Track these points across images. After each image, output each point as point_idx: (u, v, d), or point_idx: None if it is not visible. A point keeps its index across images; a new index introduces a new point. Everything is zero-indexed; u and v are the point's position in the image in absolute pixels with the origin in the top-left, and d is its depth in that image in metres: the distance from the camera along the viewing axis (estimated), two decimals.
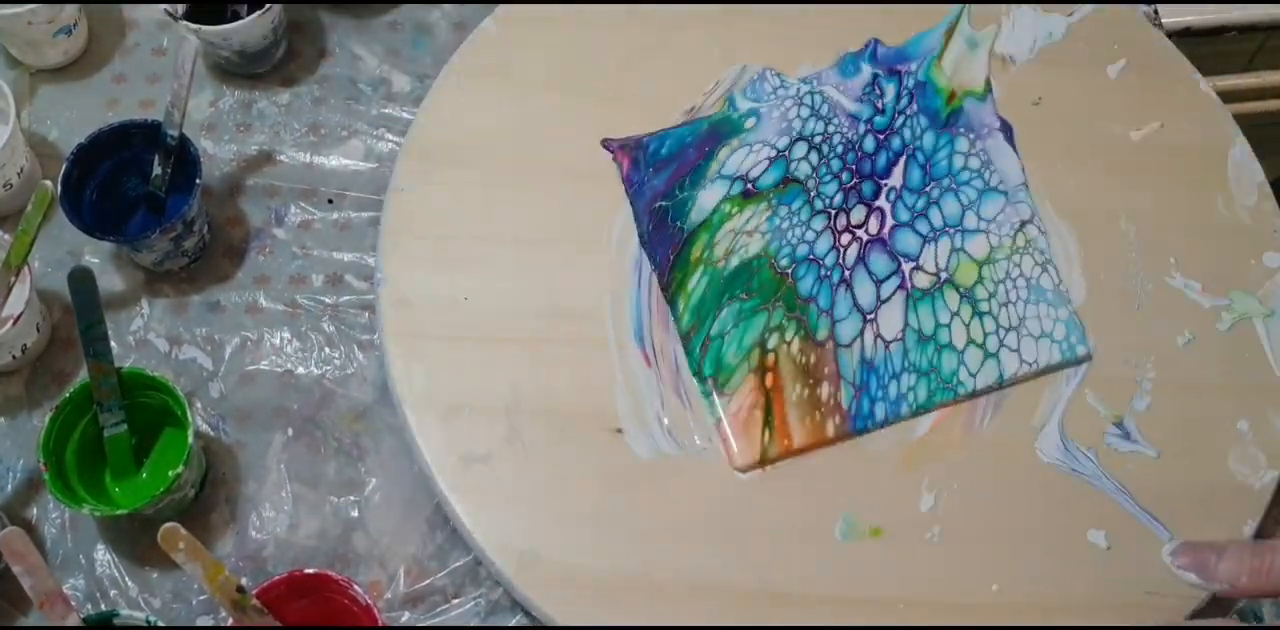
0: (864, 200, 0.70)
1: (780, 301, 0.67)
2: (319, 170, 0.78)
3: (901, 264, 0.68)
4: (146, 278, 0.74)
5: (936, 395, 0.65)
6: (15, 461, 0.69)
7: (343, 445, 0.70)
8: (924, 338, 0.66)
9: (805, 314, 0.66)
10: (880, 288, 0.67)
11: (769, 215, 0.69)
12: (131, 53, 0.81)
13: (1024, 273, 0.68)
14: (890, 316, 0.67)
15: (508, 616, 0.65)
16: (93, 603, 0.65)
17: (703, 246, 0.68)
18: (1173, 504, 0.65)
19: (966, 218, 0.69)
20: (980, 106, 0.73)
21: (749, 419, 0.64)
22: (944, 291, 0.67)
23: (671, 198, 0.69)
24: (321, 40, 0.82)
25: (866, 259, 0.68)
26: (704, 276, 0.67)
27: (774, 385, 0.65)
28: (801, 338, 0.66)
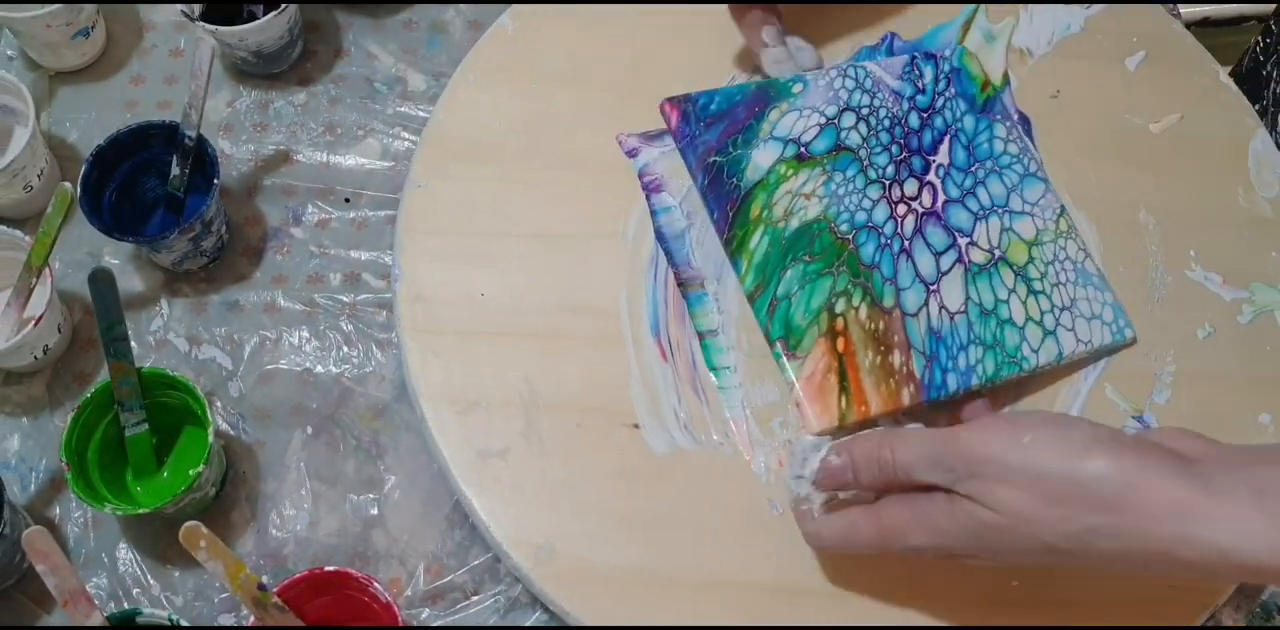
0: (915, 174, 0.69)
1: (844, 266, 0.66)
2: (336, 169, 0.78)
3: (957, 238, 0.68)
4: (166, 278, 0.74)
5: (1004, 369, 0.64)
6: (38, 461, 0.69)
7: (362, 443, 0.70)
8: (985, 312, 0.66)
9: (870, 280, 0.66)
10: (939, 260, 0.67)
11: (825, 180, 0.68)
12: (149, 54, 0.82)
13: (1069, 256, 0.68)
14: (952, 289, 0.66)
15: (527, 613, 0.66)
16: (115, 601, 0.66)
17: (761, 205, 0.67)
18: None
19: (1012, 200, 0.69)
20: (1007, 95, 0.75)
21: (824, 383, 0.63)
22: (999, 268, 0.67)
23: (725, 153, 0.69)
24: (337, 40, 0.82)
25: (924, 231, 0.68)
26: (765, 236, 0.67)
27: (846, 350, 0.64)
28: (869, 304, 0.65)
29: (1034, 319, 0.66)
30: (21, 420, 0.70)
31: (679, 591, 0.62)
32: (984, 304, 0.66)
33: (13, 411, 0.71)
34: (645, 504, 0.64)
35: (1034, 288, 0.67)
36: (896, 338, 0.64)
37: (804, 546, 0.62)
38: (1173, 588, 0.63)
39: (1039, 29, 0.77)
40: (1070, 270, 0.68)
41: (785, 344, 0.64)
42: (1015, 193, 0.69)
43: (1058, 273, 0.68)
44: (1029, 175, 0.70)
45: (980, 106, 0.72)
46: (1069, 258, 0.68)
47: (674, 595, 0.62)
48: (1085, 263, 0.68)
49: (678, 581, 0.62)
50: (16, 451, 0.70)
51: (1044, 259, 0.68)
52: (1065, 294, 0.67)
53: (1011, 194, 0.69)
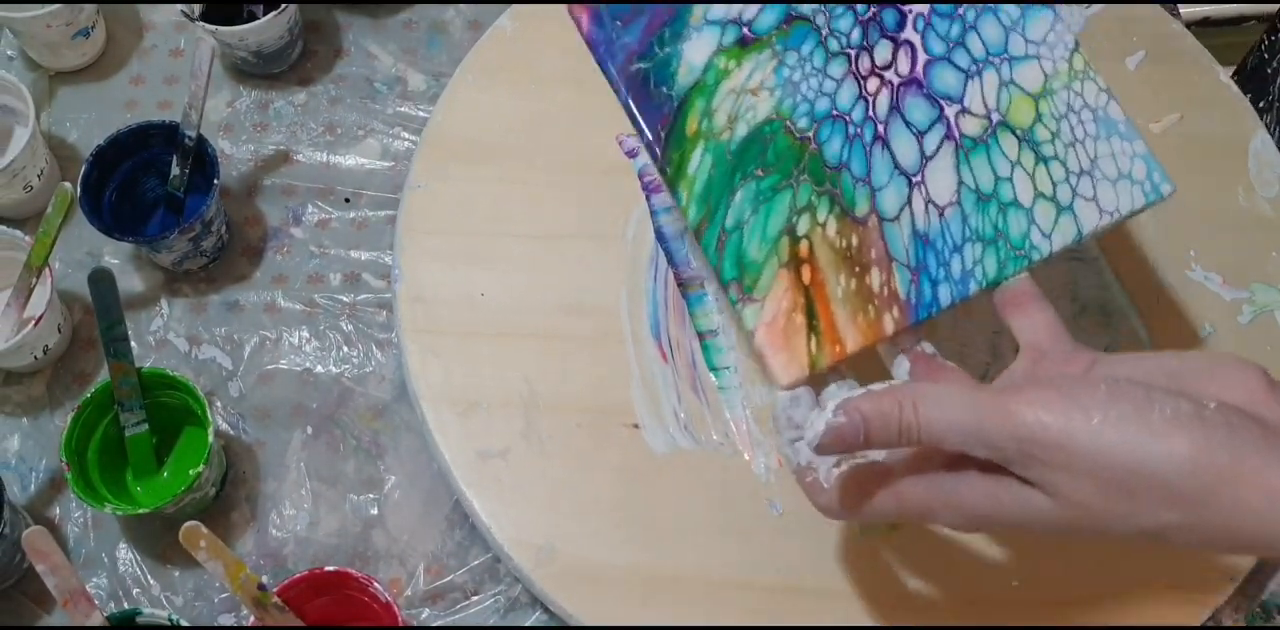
0: (887, 33, 0.57)
1: (805, 174, 0.55)
2: (336, 169, 0.78)
3: (944, 108, 0.56)
4: (166, 278, 0.74)
5: (1009, 266, 0.54)
6: (38, 461, 0.69)
7: (361, 443, 0.70)
8: (984, 197, 0.55)
9: (838, 185, 0.55)
10: (923, 141, 0.55)
11: (775, 66, 0.56)
12: (149, 54, 0.82)
13: (1088, 103, 0.56)
14: (940, 176, 0.55)
15: (527, 613, 0.66)
16: (115, 601, 0.66)
17: (699, 115, 0.56)
18: None
19: (1012, 42, 0.57)
20: None
21: (788, 325, 0.53)
22: (999, 136, 0.56)
23: (650, 57, 0.57)
24: (337, 40, 0.82)
25: (901, 107, 0.56)
26: (706, 153, 0.55)
27: (813, 280, 0.54)
28: (837, 216, 0.54)
29: (1045, 194, 0.55)
30: (21, 420, 0.71)
31: (679, 591, 0.62)
32: (981, 187, 0.55)
33: (13, 411, 0.71)
34: (645, 504, 0.64)
35: (1043, 153, 0.55)
36: (874, 252, 0.54)
37: (804, 546, 0.62)
38: (1173, 587, 0.63)
39: None
40: (1089, 121, 0.56)
41: (739, 286, 0.54)
42: (1016, 32, 0.57)
43: (1073, 127, 0.56)
44: (1031, 7, 0.57)
45: None
46: (1086, 105, 0.56)
47: (674, 595, 0.62)
48: (1109, 107, 0.56)
49: (678, 581, 0.62)
50: (16, 451, 0.70)
51: (1055, 113, 0.56)
52: (1084, 153, 0.55)
53: (1011, 35, 0.57)
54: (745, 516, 0.63)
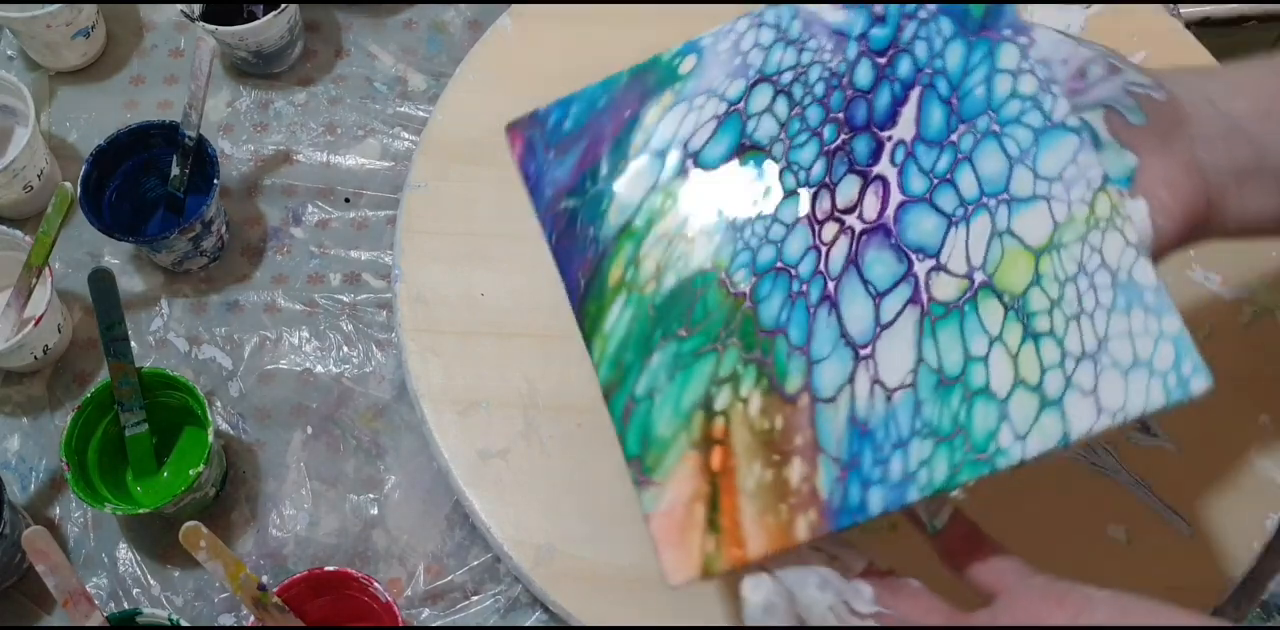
0: (856, 167, 0.47)
1: (734, 336, 0.47)
2: (336, 169, 0.78)
3: (913, 264, 0.45)
4: (166, 278, 0.74)
5: (964, 471, 0.43)
6: (38, 461, 0.69)
7: (362, 443, 0.70)
8: (946, 381, 0.44)
9: (769, 353, 0.46)
10: (880, 305, 0.45)
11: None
12: (149, 54, 0.82)
13: (1107, 261, 0.43)
14: (895, 350, 0.45)
15: (527, 613, 0.66)
16: (115, 601, 0.66)
17: (624, 263, 0.49)
18: (1193, 498, 0.65)
19: (1017, 178, 0.45)
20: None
21: (687, 518, 0.45)
22: (979, 303, 0.44)
23: (581, 193, 0.50)
24: (337, 40, 0.82)
25: (860, 261, 0.46)
26: (628, 307, 0.48)
27: (724, 466, 0.46)
28: (764, 391, 0.46)
29: (1027, 382, 0.43)
30: (21, 420, 0.71)
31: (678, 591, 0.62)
32: (945, 368, 0.44)
33: (13, 411, 0.71)
34: None
35: (1035, 328, 0.44)
36: (799, 438, 0.45)
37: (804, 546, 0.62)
38: (1172, 588, 0.63)
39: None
40: (1106, 287, 0.43)
41: (640, 466, 0.47)
42: (1024, 164, 0.45)
43: (1082, 294, 0.43)
44: (1051, 128, 0.45)
45: (979, 21, 0.47)
46: (1105, 265, 0.43)
47: (674, 595, 0.62)
48: (1136, 268, 0.43)
49: None
50: (16, 451, 0.70)
51: (1059, 274, 0.44)
52: (1091, 330, 0.43)
53: (1017, 168, 0.45)
54: None
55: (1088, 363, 0.43)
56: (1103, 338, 0.43)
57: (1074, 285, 0.44)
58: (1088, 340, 0.43)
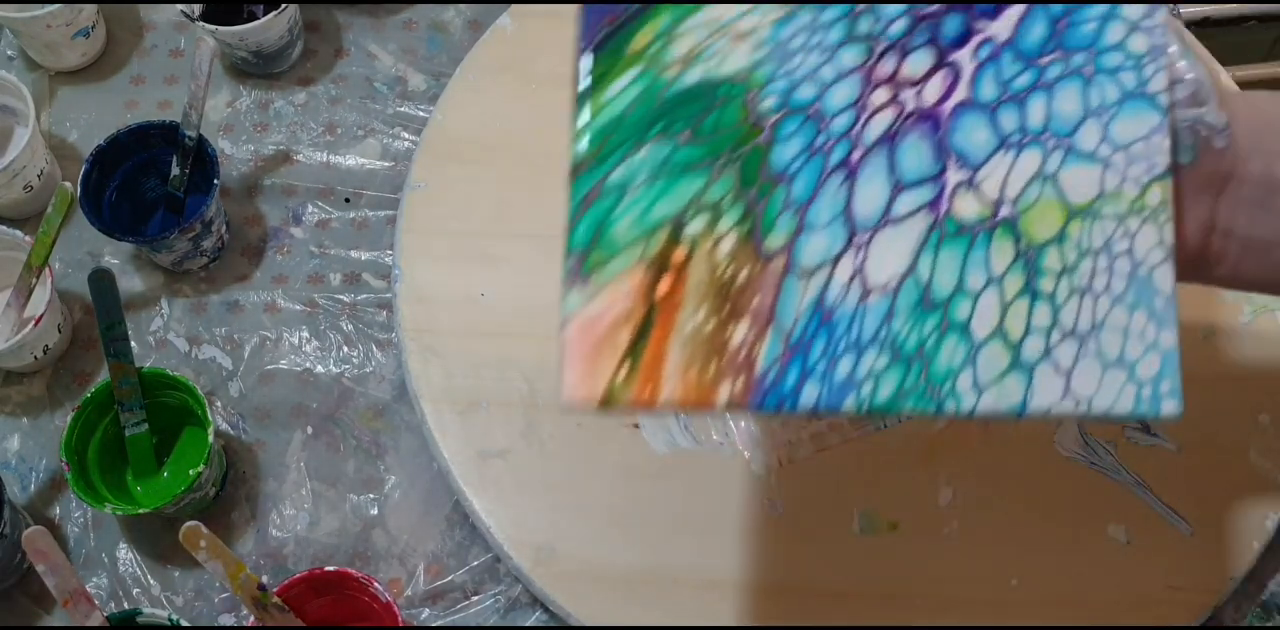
0: (939, 43, 0.43)
1: (735, 164, 0.42)
2: (336, 169, 0.78)
3: (948, 169, 0.42)
4: (166, 278, 0.74)
5: (909, 399, 0.41)
6: (38, 461, 0.69)
7: (362, 443, 0.70)
8: (929, 302, 0.41)
9: (764, 197, 0.42)
10: (898, 197, 0.42)
11: (780, 17, 0.43)
12: (149, 54, 0.82)
13: (1134, 250, 0.42)
14: (892, 249, 0.42)
15: (527, 613, 0.66)
16: (115, 601, 0.66)
17: (657, 32, 0.43)
18: (1193, 498, 0.65)
19: (1086, 129, 0.42)
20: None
21: (608, 337, 0.41)
22: (994, 237, 0.42)
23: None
24: (337, 40, 0.82)
25: (898, 141, 0.42)
26: (638, 83, 0.42)
27: (667, 298, 0.41)
28: (741, 236, 0.41)
29: (1008, 336, 0.41)
30: (21, 420, 0.71)
31: (679, 591, 0.62)
32: (934, 288, 0.41)
33: (13, 411, 0.71)
34: (645, 504, 0.64)
35: (1038, 286, 0.41)
36: (757, 300, 0.41)
37: (804, 547, 0.62)
38: (1172, 588, 0.63)
39: None
40: (1123, 274, 0.41)
41: (582, 259, 0.41)
42: (1097, 120, 0.42)
43: (1096, 272, 0.42)
44: (1138, 96, 0.42)
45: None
46: (1130, 253, 0.42)
47: (674, 595, 0.62)
48: (1159, 271, 0.42)
49: (678, 581, 0.62)
50: (16, 451, 0.70)
51: (1085, 243, 0.42)
52: (1089, 310, 0.41)
53: (1090, 120, 0.42)
54: (745, 516, 0.63)
55: (1073, 341, 0.41)
56: (1098, 324, 0.41)
57: (1093, 260, 0.42)
58: (1083, 320, 0.41)
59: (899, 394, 0.41)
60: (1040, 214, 0.42)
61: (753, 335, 0.41)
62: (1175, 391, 0.41)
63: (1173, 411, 0.41)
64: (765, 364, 0.41)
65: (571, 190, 0.42)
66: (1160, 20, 0.43)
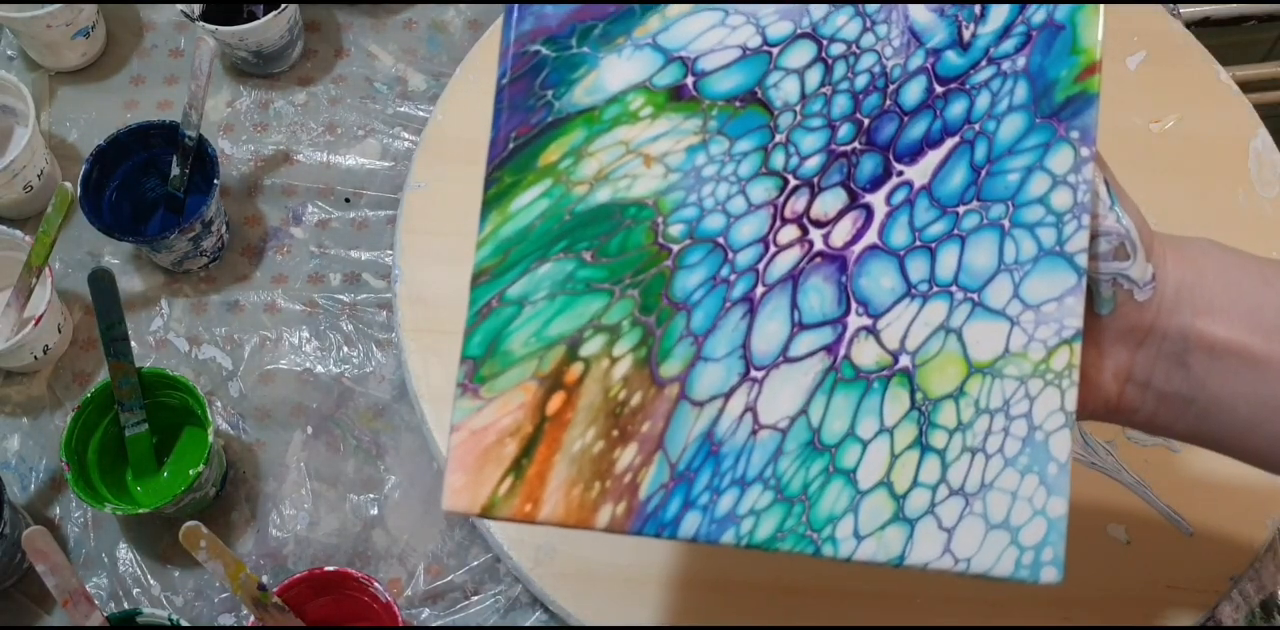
0: (852, 183, 0.42)
1: (638, 290, 0.41)
2: (336, 169, 0.78)
3: (850, 313, 0.41)
4: (166, 278, 0.74)
5: (788, 541, 0.40)
6: (38, 461, 0.69)
7: (362, 443, 0.70)
8: (818, 446, 0.40)
9: (663, 325, 0.41)
10: (797, 336, 0.41)
11: (694, 144, 0.42)
12: (149, 54, 0.82)
13: (1032, 415, 0.40)
14: (786, 389, 0.41)
15: (527, 613, 0.66)
16: (115, 601, 0.66)
17: (568, 148, 0.42)
18: (1193, 498, 0.65)
19: (997, 284, 0.41)
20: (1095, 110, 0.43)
21: (493, 449, 0.40)
22: (890, 387, 0.41)
23: (562, 45, 0.43)
24: (337, 40, 0.82)
25: (801, 280, 0.41)
26: (545, 198, 0.42)
27: (558, 414, 0.41)
28: (637, 361, 0.41)
29: (894, 487, 0.40)
30: (21, 420, 0.71)
31: (679, 591, 0.62)
32: (823, 432, 0.41)
33: (13, 411, 0.71)
34: None
35: (930, 441, 0.40)
36: (647, 426, 0.41)
37: None
38: (1172, 587, 0.63)
39: None
40: (1019, 437, 0.40)
41: (474, 368, 0.41)
42: (1010, 275, 0.41)
43: (993, 433, 0.41)
44: (1056, 255, 0.41)
45: (1055, 106, 0.42)
46: (1028, 417, 0.40)
47: (674, 595, 0.62)
48: (1056, 438, 0.40)
49: (677, 581, 0.62)
50: (16, 451, 0.70)
51: (984, 402, 0.41)
52: (979, 471, 0.40)
53: (1003, 275, 0.41)
54: None
55: (959, 499, 0.40)
56: (987, 484, 0.40)
57: (990, 419, 0.40)
58: (971, 479, 0.40)
59: (777, 534, 0.40)
60: (940, 368, 0.41)
61: (639, 460, 0.40)
62: (1058, 560, 0.40)
63: (1052, 579, 0.40)
64: (649, 490, 0.40)
65: (471, 298, 0.42)
66: (1087, 175, 0.41)
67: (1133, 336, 0.43)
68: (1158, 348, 0.43)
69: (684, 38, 0.42)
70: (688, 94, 0.42)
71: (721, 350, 0.41)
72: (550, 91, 0.42)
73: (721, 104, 0.42)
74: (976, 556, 0.40)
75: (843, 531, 0.40)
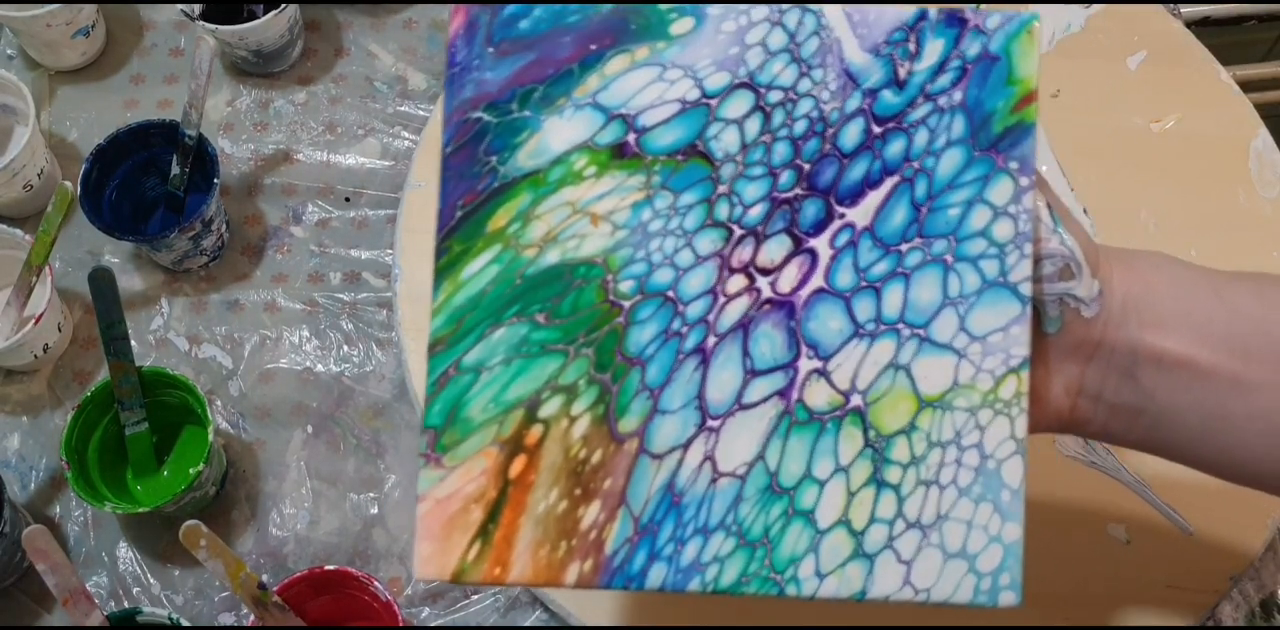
0: (795, 230, 0.42)
1: (592, 348, 0.42)
2: (336, 168, 0.78)
3: (800, 357, 0.42)
4: (166, 277, 0.74)
5: (753, 584, 0.41)
6: (38, 460, 0.69)
7: (362, 442, 0.70)
8: (777, 489, 0.41)
9: (619, 381, 0.42)
10: (751, 383, 0.42)
11: (639, 201, 0.42)
12: (149, 53, 0.82)
13: (983, 445, 0.41)
14: (742, 436, 0.41)
15: (527, 612, 0.66)
16: (116, 600, 0.66)
17: (515, 213, 0.42)
18: (1194, 498, 0.65)
19: (942, 319, 0.42)
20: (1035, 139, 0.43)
21: (460, 515, 0.41)
22: (843, 426, 0.42)
23: (503, 111, 0.43)
24: (337, 39, 0.82)
25: (751, 329, 0.42)
26: (495, 264, 0.42)
27: (521, 477, 0.41)
28: (595, 419, 0.41)
29: (851, 525, 0.41)
30: (21, 419, 0.70)
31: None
32: (781, 476, 0.41)
33: (13, 410, 0.71)
34: None
35: (885, 477, 0.41)
36: (609, 482, 0.41)
37: None
38: (1172, 587, 0.63)
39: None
40: (971, 467, 0.41)
41: (435, 440, 0.41)
42: (956, 309, 0.42)
43: (945, 464, 0.41)
44: (999, 285, 0.42)
45: (992, 138, 0.42)
46: (980, 447, 0.41)
47: (674, 595, 0.62)
48: (1008, 465, 0.41)
49: None
50: (16, 450, 0.70)
51: (935, 435, 0.41)
52: (935, 503, 0.41)
53: (948, 309, 0.42)
54: None
55: (916, 532, 0.41)
56: (942, 515, 0.41)
57: (942, 452, 0.41)
58: (927, 512, 0.41)
59: (742, 579, 0.41)
60: (891, 405, 0.42)
61: (603, 517, 0.41)
62: (1015, 584, 0.41)
63: (1011, 602, 0.41)
64: (614, 545, 0.41)
65: (428, 368, 0.42)
66: (1027, 204, 0.42)
67: (1082, 351, 0.43)
68: (1107, 361, 0.43)
69: (623, 95, 0.42)
70: (630, 151, 0.42)
71: (677, 402, 0.41)
72: (494, 157, 0.42)
73: (664, 159, 0.42)
74: (936, 586, 0.41)
75: (805, 571, 0.41)
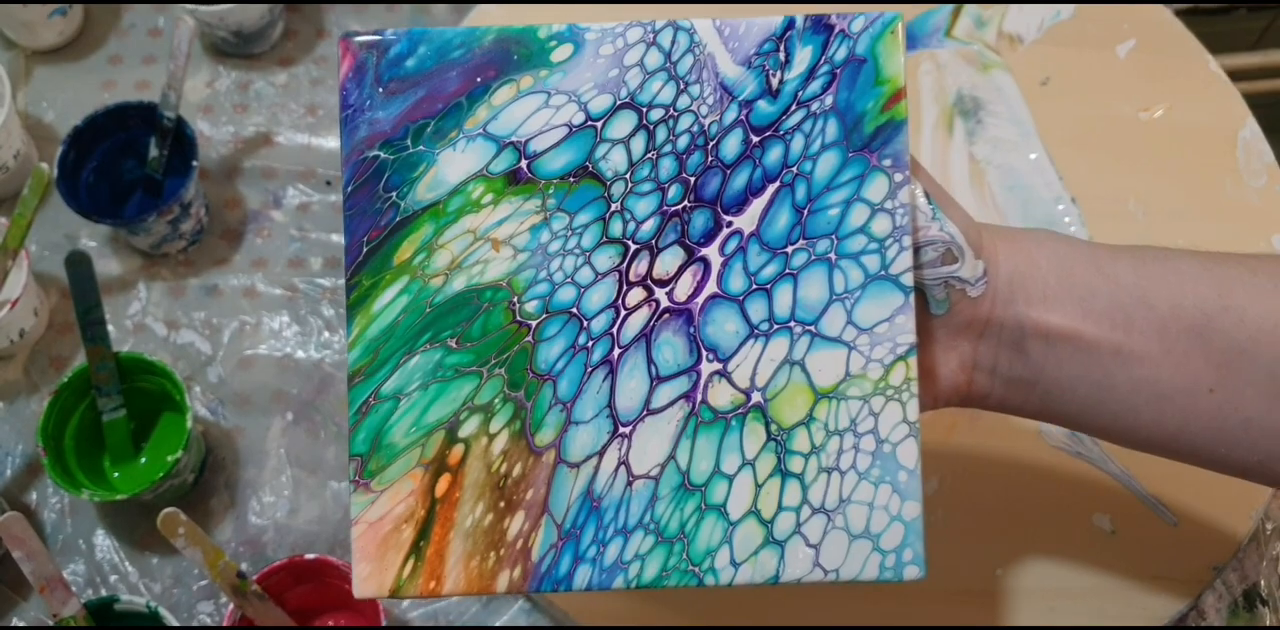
0: (687, 240, 0.45)
1: (504, 368, 0.44)
2: (317, 152, 0.77)
3: (702, 361, 0.44)
4: (144, 261, 0.74)
5: (673, 577, 0.44)
6: (14, 446, 0.69)
7: (342, 430, 0.69)
8: (689, 487, 0.44)
9: (532, 397, 0.44)
10: (657, 389, 0.44)
11: (536, 224, 0.45)
12: (127, 34, 0.81)
13: (878, 429, 0.44)
14: (653, 439, 0.44)
15: (509, 602, 0.65)
16: (93, 588, 0.65)
17: (418, 245, 0.44)
18: (1178, 488, 0.65)
19: (831, 314, 0.44)
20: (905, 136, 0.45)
21: (392, 535, 0.43)
22: (746, 422, 0.44)
23: (398, 147, 0.45)
24: (318, 20, 0.81)
25: (653, 338, 0.44)
26: (404, 295, 0.44)
27: (447, 496, 0.43)
28: (513, 434, 0.44)
29: (761, 514, 0.44)
30: None
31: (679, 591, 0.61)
32: (691, 474, 0.44)
33: None
34: None
35: (788, 467, 0.44)
36: (531, 494, 0.44)
37: None
38: (1157, 577, 0.63)
39: (1029, 15, 0.77)
40: (868, 452, 0.44)
41: (362, 467, 0.44)
42: (842, 304, 0.44)
43: (844, 451, 0.44)
44: (882, 278, 0.44)
45: (865, 138, 0.45)
46: (875, 432, 0.44)
47: (674, 595, 0.62)
48: (903, 447, 0.44)
49: None
50: None
51: (832, 424, 0.44)
52: (837, 488, 0.44)
53: (835, 305, 0.44)
54: None
55: (821, 517, 0.43)
56: (845, 499, 0.43)
57: (839, 440, 0.44)
58: (830, 497, 0.43)
59: (662, 573, 0.44)
60: (789, 399, 0.44)
61: (528, 526, 0.43)
62: (918, 559, 0.44)
63: (915, 576, 0.44)
64: (541, 552, 0.43)
65: (349, 399, 0.44)
66: (903, 199, 0.44)
67: (972, 329, 0.45)
68: (997, 337, 0.45)
69: (512, 123, 0.44)
70: (524, 176, 0.44)
71: (589, 412, 0.44)
72: (394, 192, 0.44)
73: (557, 182, 0.44)
74: (844, 566, 0.43)
75: (720, 561, 0.43)
